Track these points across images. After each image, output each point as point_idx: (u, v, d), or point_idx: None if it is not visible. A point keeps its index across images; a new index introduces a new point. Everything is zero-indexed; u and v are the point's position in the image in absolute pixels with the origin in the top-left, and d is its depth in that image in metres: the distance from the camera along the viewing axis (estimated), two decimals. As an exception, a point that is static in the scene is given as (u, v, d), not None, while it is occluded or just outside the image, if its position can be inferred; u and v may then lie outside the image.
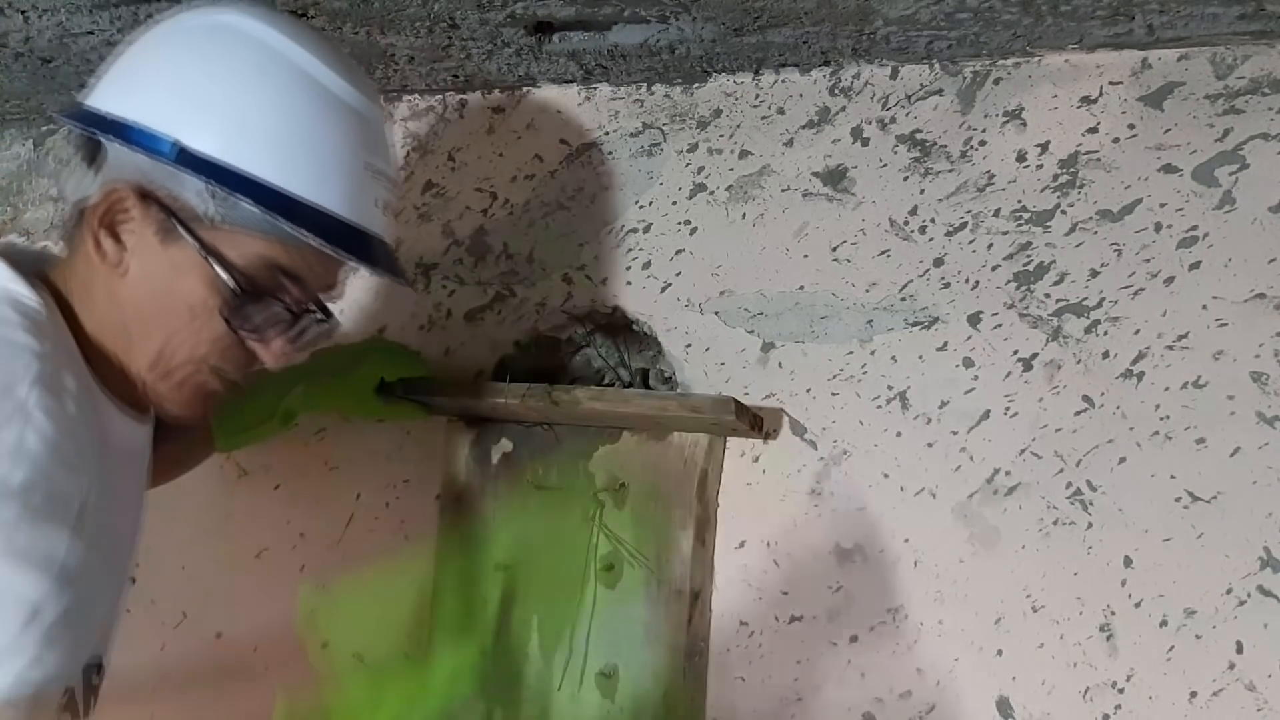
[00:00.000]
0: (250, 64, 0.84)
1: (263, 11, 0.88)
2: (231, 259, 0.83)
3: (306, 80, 0.85)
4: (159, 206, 0.82)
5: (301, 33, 0.88)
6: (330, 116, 0.85)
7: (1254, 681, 0.95)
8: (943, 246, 1.12)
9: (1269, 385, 0.99)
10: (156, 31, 0.88)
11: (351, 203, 0.86)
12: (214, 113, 0.82)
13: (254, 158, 0.81)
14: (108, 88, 0.87)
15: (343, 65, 0.88)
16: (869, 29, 1.09)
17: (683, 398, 1.11)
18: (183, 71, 0.84)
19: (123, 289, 0.84)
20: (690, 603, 1.11)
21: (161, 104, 0.82)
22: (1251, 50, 1.05)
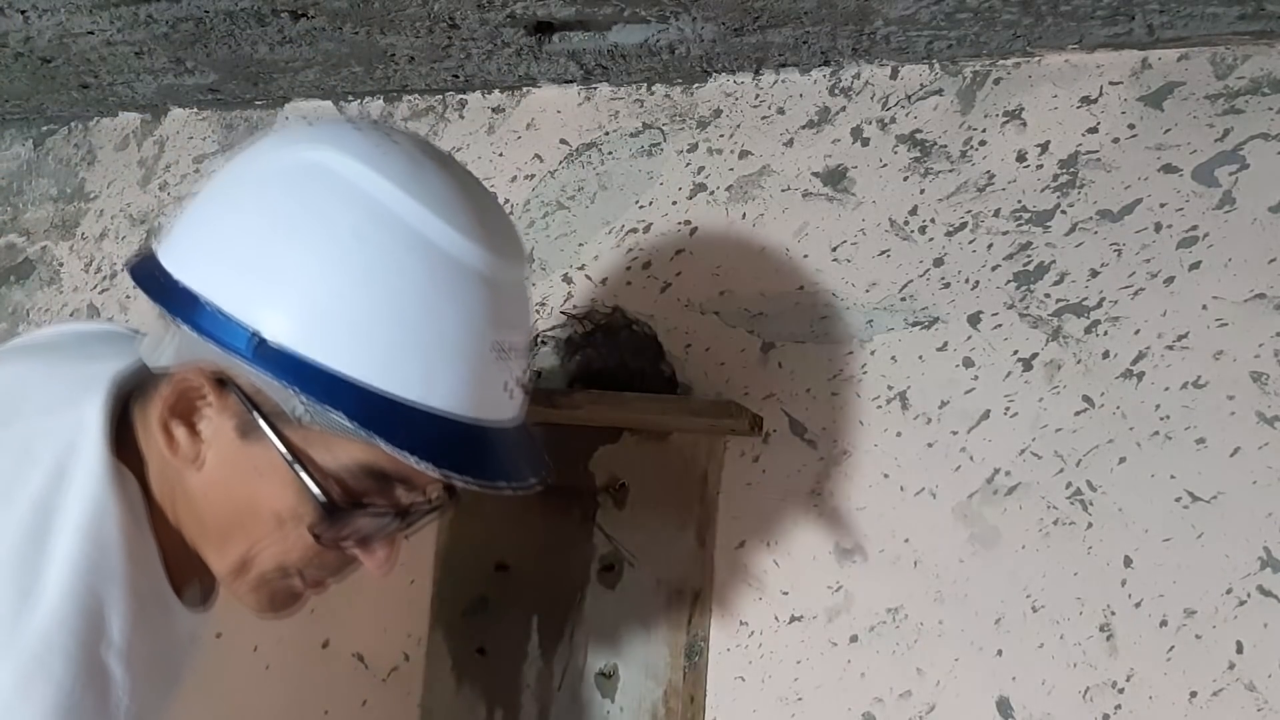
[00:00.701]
0: (345, 226, 0.67)
1: (364, 143, 0.70)
2: (324, 464, 0.69)
3: (417, 243, 0.67)
4: (239, 395, 0.68)
5: (413, 169, 0.70)
6: (446, 290, 0.68)
7: (1254, 681, 0.95)
8: (943, 246, 1.12)
9: (1269, 385, 0.99)
10: (239, 168, 0.73)
11: (471, 400, 0.69)
12: (300, 295, 0.66)
13: (349, 352, 0.66)
14: (182, 240, 0.72)
15: (466, 212, 0.70)
16: (869, 29, 1.09)
17: (683, 400, 1.11)
18: (264, 237, 0.68)
19: (198, 484, 0.72)
20: (690, 603, 1.11)
21: (238, 280, 0.67)
22: (1251, 50, 1.05)
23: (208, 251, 0.70)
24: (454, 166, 0.74)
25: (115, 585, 0.68)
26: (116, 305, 1.47)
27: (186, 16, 1.20)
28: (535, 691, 1.15)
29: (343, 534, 0.72)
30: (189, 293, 0.68)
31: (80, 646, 0.65)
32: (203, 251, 0.70)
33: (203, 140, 1.49)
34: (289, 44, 1.25)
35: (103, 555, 0.68)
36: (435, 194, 0.69)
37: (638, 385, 1.19)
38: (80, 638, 0.65)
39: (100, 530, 0.68)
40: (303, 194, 0.68)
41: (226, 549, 0.73)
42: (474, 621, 1.19)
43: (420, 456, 0.67)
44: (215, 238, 0.70)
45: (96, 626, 0.66)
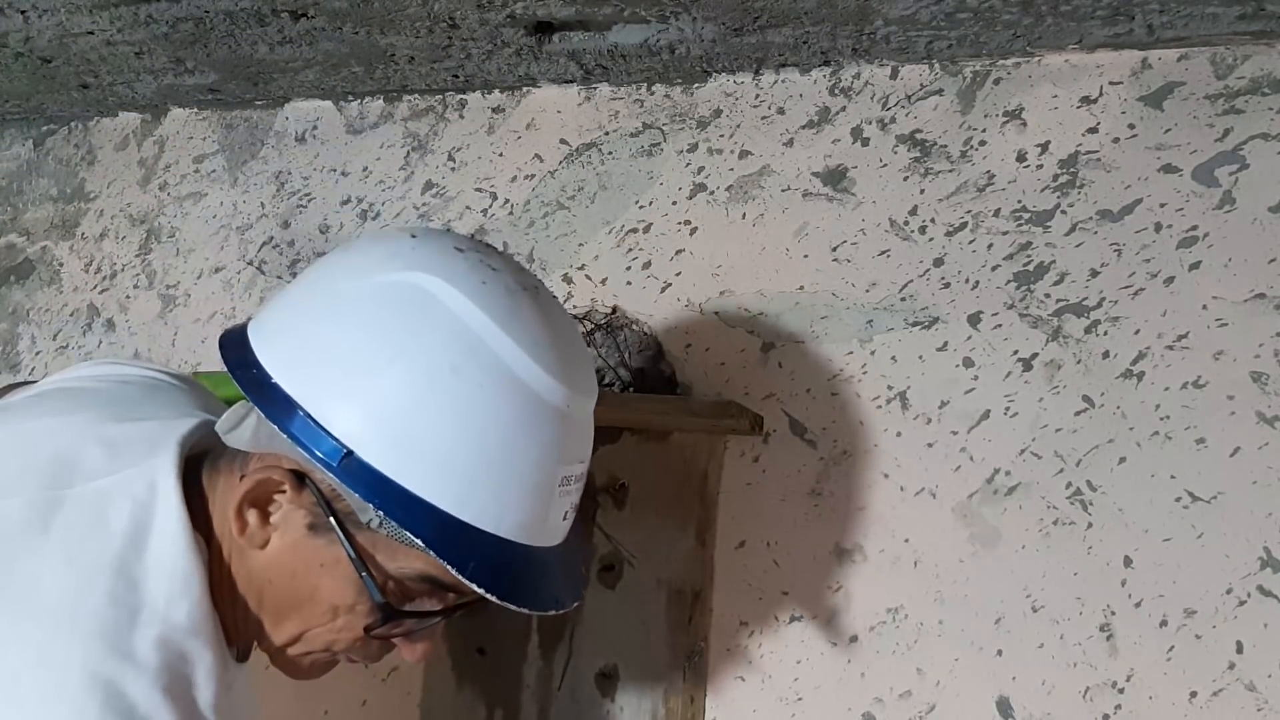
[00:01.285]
0: (447, 361, 0.70)
1: (469, 274, 0.73)
2: (385, 568, 0.73)
3: (508, 383, 0.71)
4: (316, 495, 0.72)
5: (511, 306, 0.73)
6: (529, 428, 0.72)
7: (1254, 681, 0.95)
8: (943, 246, 1.12)
9: (1269, 385, 0.99)
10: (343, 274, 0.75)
11: (535, 530, 0.74)
12: (393, 418, 0.69)
13: (431, 480, 0.69)
14: (280, 337, 0.74)
15: (554, 349, 0.73)
16: (869, 29, 1.09)
17: (684, 401, 1.11)
18: (365, 356, 0.70)
19: (260, 563, 0.75)
20: (690, 603, 1.11)
21: (339, 400, 0.70)
22: (1251, 50, 1.05)
23: (305, 356, 0.72)
24: (544, 298, 0.77)
25: (204, 648, 0.71)
26: (116, 305, 1.47)
27: (186, 16, 1.20)
28: (535, 691, 1.15)
29: (392, 631, 0.76)
30: (285, 395, 0.70)
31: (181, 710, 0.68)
32: (300, 354, 0.73)
33: (203, 140, 1.49)
34: (289, 44, 1.25)
35: (190, 623, 0.71)
36: (528, 331, 0.72)
37: (637, 385, 1.20)
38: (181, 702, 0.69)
39: (187, 601, 0.71)
40: (407, 320, 0.71)
41: (281, 626, 0.77)
42: (474, 621, 1.19)
43: (483, 586, 0.71)
44: (315, 344, 0.72)
45: (189, 690, 0.70)
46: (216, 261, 1.43)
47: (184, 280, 1.44)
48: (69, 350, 1.48)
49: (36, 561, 0.70)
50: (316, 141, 1.42)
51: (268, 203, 1.43)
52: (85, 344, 1.48)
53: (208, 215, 1.46)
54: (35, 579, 0.70)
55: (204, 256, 1.44)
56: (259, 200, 1.43)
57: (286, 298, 0.77)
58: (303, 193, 1.41)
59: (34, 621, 0.68)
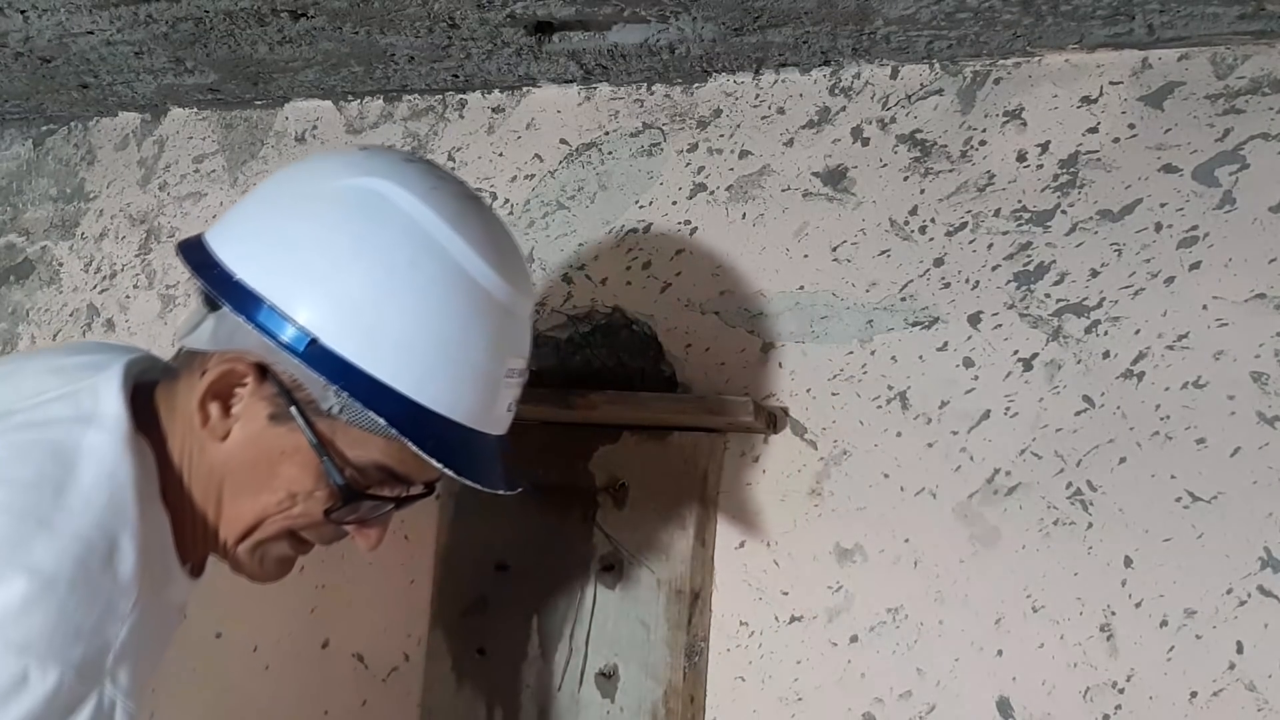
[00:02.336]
0: (404, 256, 0.76)
1: (419, 180, 0.79)
2: (345, 455, 0.78)
3: (460, 277, 0.77)
4: (277, 386, 0.76)
5: (459, 209, 0.79)
6: (480, 320, 0.78)
7: (1254, 681, 0.95)
8: (943, 246, 1.12)
9: (1269, 385, 0.99)
10: (300, 180, 0.81)
11: (484, 415, 0.80)
12: (355, 308, 0.75)
13: (391, 365, 0.75)
14: (240, 237, 0.79)
15: (497, 250, 0.80)
16: (869, 29, 1.09)
17: (700, 400, 1.11)
18: (327, 252, 0.76)
19: (219, 454, 0.79)
20: (690, 603, 1.11)
21: (302, 291, 0.75)
22: (1251, 50, 1.05)
23: (268, 253, 0.77)
24: (485, 207, 0.84)
25: (127, 532, 0.73)
26: (116, 305, 1.47)
27: (186, 16, 1.20)
28: (535, 691, 1.15)
29: (348, 516, 0.81)
30: (247, 289, 0.75)
31: (87, 577, 0.70)
32: (263, 252, 0.77)
33: (203, 140, 1.49)
34: (289, 44, 1.25)
35: (117, 507, 0.73)
36: (476, 233, 0.78)
37: (638, 385, 1.20)
38: (89, 569, 0.70)
39: (115, 484, 0.74)
40: (366, 219, 0.76)
41: (238, 515, 0.80)
42: (474, 621, 1.19)
43: (443, 462, 0.76)
44: (277, 242, 0.77)
45: (105, 564, 0.71)
46: (216, 261, 1.43)
47: (184, 280, 1.44)
48: (69, 350, 1.49)
49: None
50: (316, 141, 1.42)
51: (268, 203, 1.42)
52: (85, 344, 1.48)
53: (208, 215, 1.46)
54: None
55: (204, 256, 1.44)
56: (259, 200, 1.43)
57: (244, 206, 0.82)
58: (303, 193, 1.41)
59: None
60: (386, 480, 0.80)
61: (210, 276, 0.77)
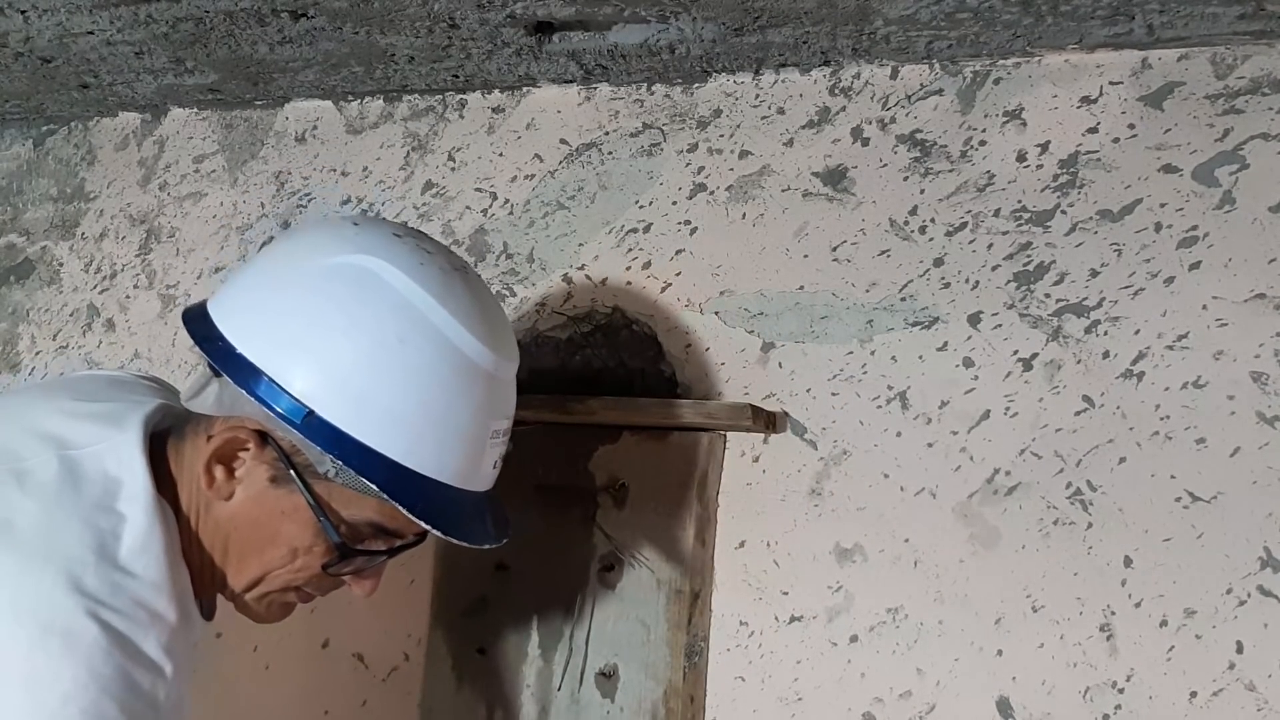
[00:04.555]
0: (393, 332, 0.81)
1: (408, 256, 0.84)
2: (340, 514, 0.83)
3: (446, 349, 0.82)
4: (277, 451, 0.82)
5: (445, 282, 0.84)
6: (465, 388, 0.83)
7: (1254, 681, 0.95)
8: (943, 246, 1.12)
9: (1269, 385, 0.99)
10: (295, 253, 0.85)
11: (470, 475, 0.85)
12: (347, 381, 0.80)
13: (381, 434, 0.80)
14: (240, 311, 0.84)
15: (482, 319, 0.85)
16: (869, 29, 1.09)
17: (698, 405, 1.11)
18: (321, 327, 0.81)
19: (224, 512, 0.84)
20: (690, 603, 1.11)
21: (298, 365, 0.80)
22: (1251, 50, 1.05)
23: (267, 328, 0.82)
24: (471, 276, 0.89)
25: (164, 597, 0.79)
26: (116, 305, 1.47)
27: (186, 16, 1.20)
28: (535, 691, 1.15)
29: (344, 569, 0.87)
30: (250, 364, 0.80)
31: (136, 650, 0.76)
32: (262, 327, 0.82)
33: (203, 140, 1.49)
34: (289, 44, 1.25)
35: (154, 577, 0.78)
36: (462, 305, 0.83)
37: (638, 385, 1.20)
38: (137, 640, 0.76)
39: (150, 555, 0.79)
40: (357, 296, 0.81)
41: (244, 570, 0.86)
42: (474, 621, 1.19)
43: (430, 523, 0.81)
44: (275, 317, 0.82)
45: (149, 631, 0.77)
46: (216, 261, 1.43)
47: (184, 280, 1.44)
48: (69, 350, 1.48)
49: (9, 508, 0.78)
50: (316, 141, 1.42)
51: (268, 203, 1.43)
52: (85, 344, 1.48)
53: (208, 215, 1.46)
54: (8, 522, 0.77)
55: (204, 256, 1.44)
56: (259, 200, 1.43)
57: (243, 278, 0.87)
58: (303, 193, 1.41)
59: (7, 554, 0.75)
60: (379, 535, 0.85)
61: (214, 350, 0.82)
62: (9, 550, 0.75)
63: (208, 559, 0.86)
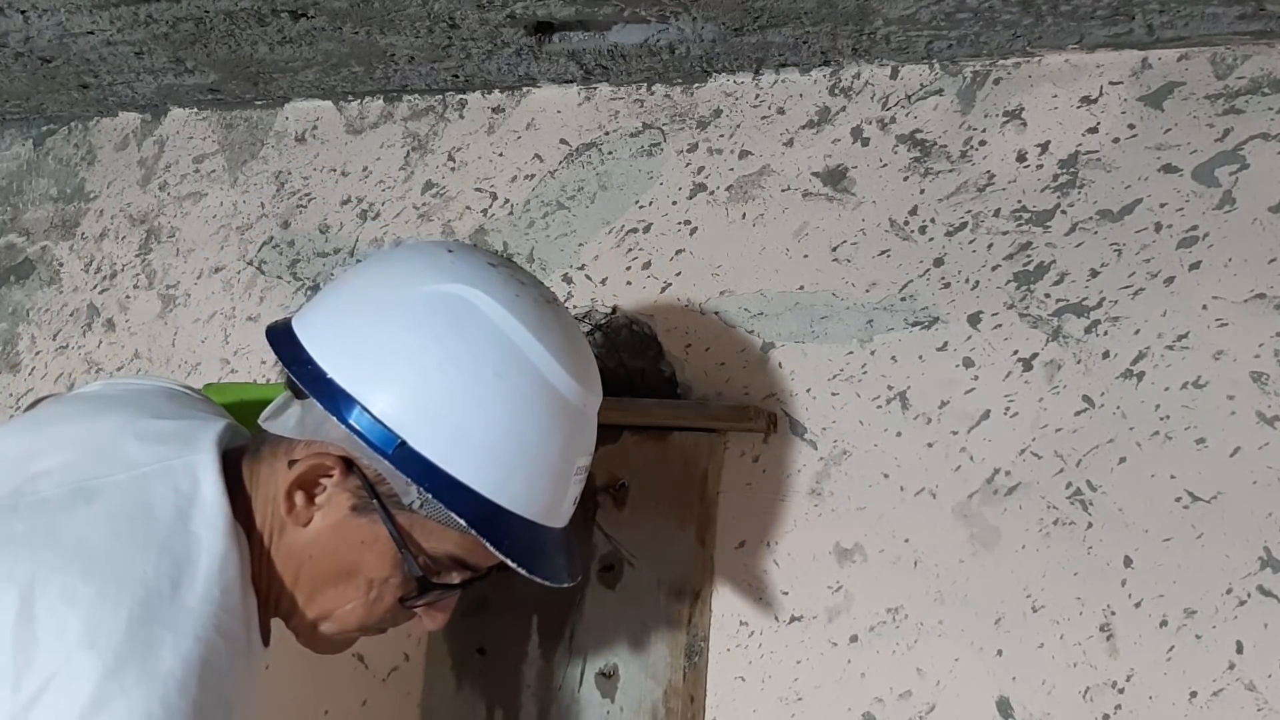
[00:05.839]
0: (490, 366, 0.79)
1: (504, 287, 0.82)
2: (421, 546, 0.82)
3: (541, 385, 0.81)
4: (361, 479, 0.80)
5: (540, 316, 0.83)
6: (557, 425, 0.82)
7: (1254, 681, 0.95)
8: (943, 246, 1.12)
9: (1269, 385, 0.99)
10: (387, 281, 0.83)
11: (553, 511, 0.84)
12: (445, 419, 0.78)
13: (473, 468, 0.78)
14: (332, 338, 0.82)
15: (574, 355, 0.84)
16: (869, 29, 1.09)
17: (698, 405, 1.11)
18: (421, 364, 0.79)
19: (300, 538, 0.82)
20: (690, 603, 1.11)
21: (392, 395, 0.78)
22: (1251, 50, 1.05)
23: (359, 356, 0.80)
24: (562, 309, 0.88)
25: (238, 622, 0.78)
26: (116, 305, 1.47)
27: (186, 16, 1.20)
28: (535, 691, 1.15)
29: (420, 602, 0.85)
30: (342, 390, 0.78)
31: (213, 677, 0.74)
32: (354, 355, 0.80)
33: (203, 140, 1.49)
34: (289, 44, 1.25)
35: (229, 604, 0.77)
36: (556, 339, 0.82)
37: (638, 385, 1.20)
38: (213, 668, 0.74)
39: (226, 580, 0.77)
40: (453, 328, 0.80)
41: (317, 600, 0.85)
42: (474, 621, 1.19)
43: (516, 560, 0.80)
44: (368, 346, 0.80)
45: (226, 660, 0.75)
46: (216, 261, 1.43)
47: (184, 280, 1.44)
48: (69, 350, 1.48)
49: (82, 527, 0.76)
50: (316, 141, 1.42)
51: (268, 203, 1.43)
52: (85, 344, 1.48)
53: (208, 215, 1.46)
54: (82, 541, 0.75)
55: (204, 256, 1.44)
56: (259, 200, 1.43)
57: (334, 302, 0.85)
58: (303, 193, 1.41)
59: (83, 579, 0.73)
60: (457, 567, 0.84)
61: (304, 373, 0.80)
62: (85, 575, 0.73)
63: (276, 584, 0.84)
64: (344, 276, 0.87)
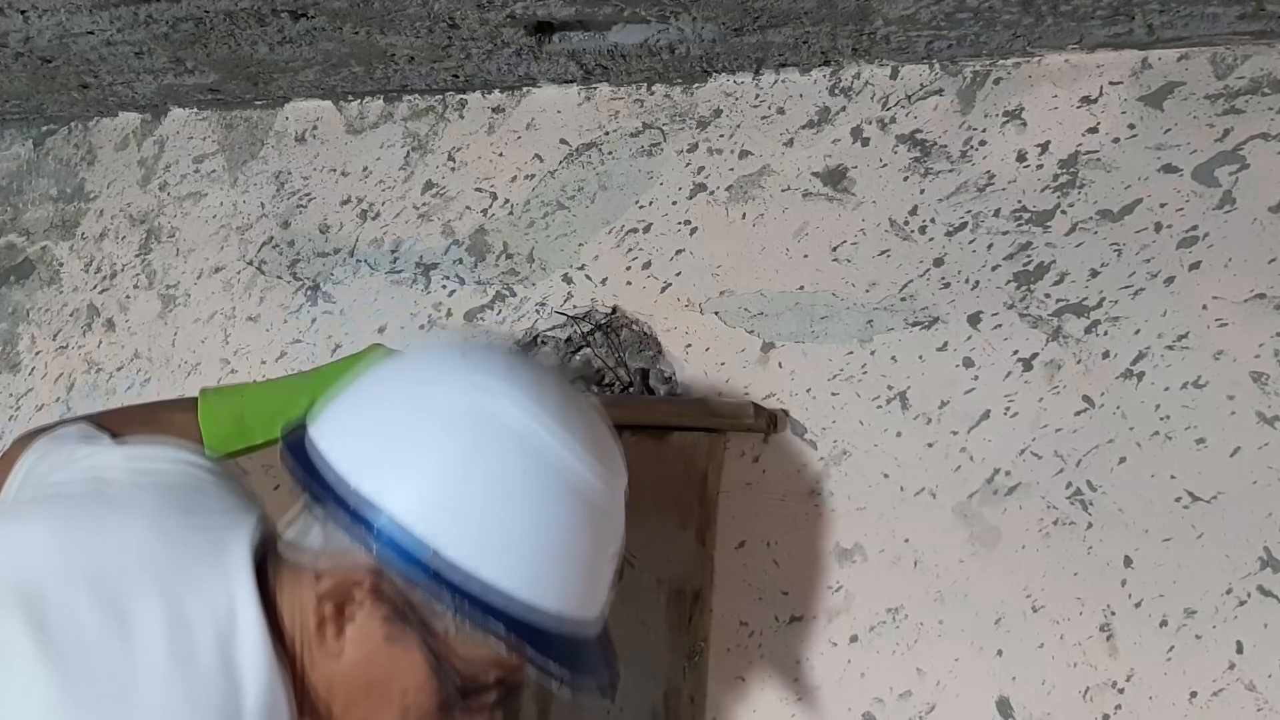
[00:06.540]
0: (517, 473, 0.78)
1: (525, 389, 0.81)
2: (458, 653, 0.79)
3: (569, 484, 0.80)
4: (393, 593, 0.78)
5: (563, 412, 0.81)
6: (588, 520, 0.81)
7: (1254, 681, 0.95)
8: (943, 246, 1.12)
9: (1269, 385, 0.99)
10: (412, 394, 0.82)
11: (590, 603, 0.83)
12: (476, 530, 0.77)
13: (508, 574, 0.77)
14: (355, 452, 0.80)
15: (600, 447, 0.83)
16: (869, 29, 1.09)
17: (699, 404, 1.11)
18: (447, 477, 0.78)
19: (335, 668, 0.80)
20: (690, 603, 1.11)
21: (421, 508, 0.76)
22: (1251, 50, 1.05)
23: (384, 469, 0.78)
24: (584, 401, 0.87)
25: None
26: (116, 305, 1.47)
27: (186, 16, 1.20)
28: (535, 691, 1.15)
29: (456, 713, 0.83)
30: (369, 504, 0.76)
31: None
32: (379, 468, 0.78)
33: (203, 140, 1.49)
34: (289, 44, 1.25)
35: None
36: (579, 434, 0.81)
37: (638, 385, 1.20)
38: None
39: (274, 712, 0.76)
40: (478, 438, 0.79)
41: (351, 715, 0.82)
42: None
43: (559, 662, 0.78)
44: (393, 459, 0.79)
45: None
46: (216, 261, 1.43)
47: (184, 280, 1.44)
48: (69, 350, 1.48)
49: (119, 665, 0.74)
50: (316, 141, 1.42)
51: (268, 203, 1.43)
52: (85, 344, 1.48)
53: (208, 215, 1.46)
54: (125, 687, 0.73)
55: (204, 256, 1.44)
56: (259, 200, 1.43)
57: (352, 412, 0.83)
58: (303, 193, 1.41)
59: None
60: (494, 667, 0.82)
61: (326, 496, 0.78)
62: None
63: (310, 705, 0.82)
64: (357, 388, 0.85)
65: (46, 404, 1.47)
